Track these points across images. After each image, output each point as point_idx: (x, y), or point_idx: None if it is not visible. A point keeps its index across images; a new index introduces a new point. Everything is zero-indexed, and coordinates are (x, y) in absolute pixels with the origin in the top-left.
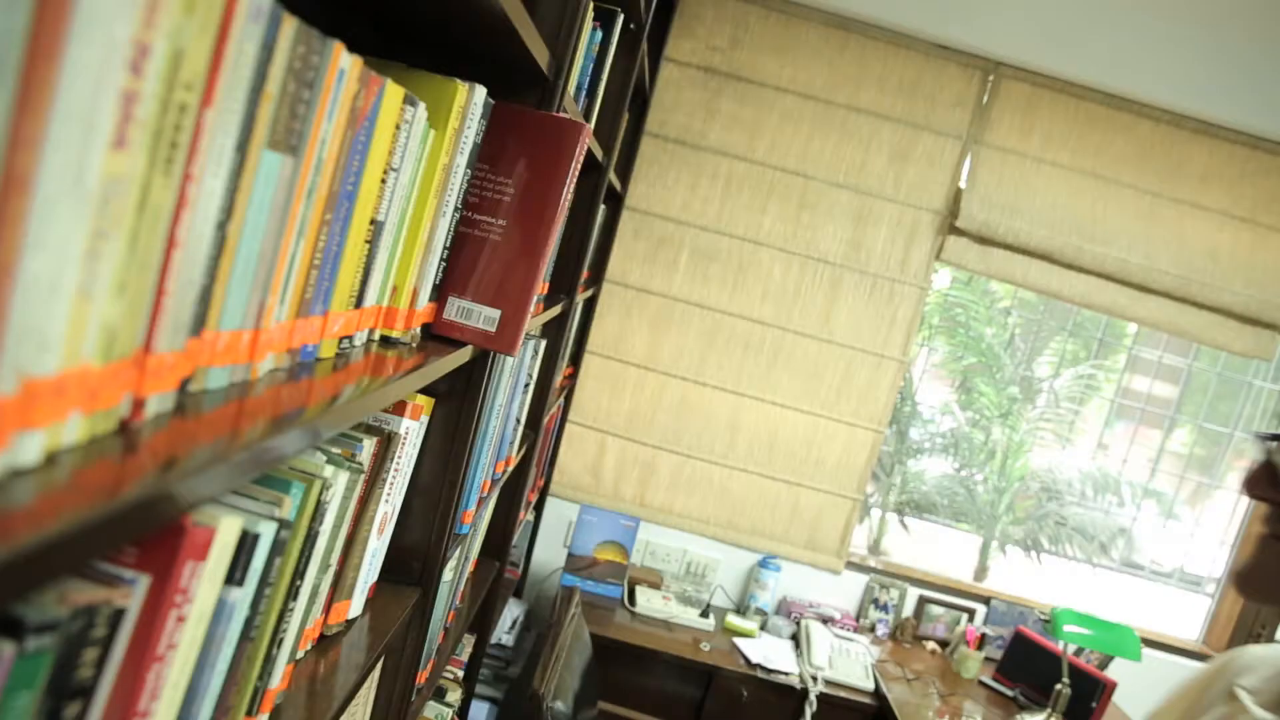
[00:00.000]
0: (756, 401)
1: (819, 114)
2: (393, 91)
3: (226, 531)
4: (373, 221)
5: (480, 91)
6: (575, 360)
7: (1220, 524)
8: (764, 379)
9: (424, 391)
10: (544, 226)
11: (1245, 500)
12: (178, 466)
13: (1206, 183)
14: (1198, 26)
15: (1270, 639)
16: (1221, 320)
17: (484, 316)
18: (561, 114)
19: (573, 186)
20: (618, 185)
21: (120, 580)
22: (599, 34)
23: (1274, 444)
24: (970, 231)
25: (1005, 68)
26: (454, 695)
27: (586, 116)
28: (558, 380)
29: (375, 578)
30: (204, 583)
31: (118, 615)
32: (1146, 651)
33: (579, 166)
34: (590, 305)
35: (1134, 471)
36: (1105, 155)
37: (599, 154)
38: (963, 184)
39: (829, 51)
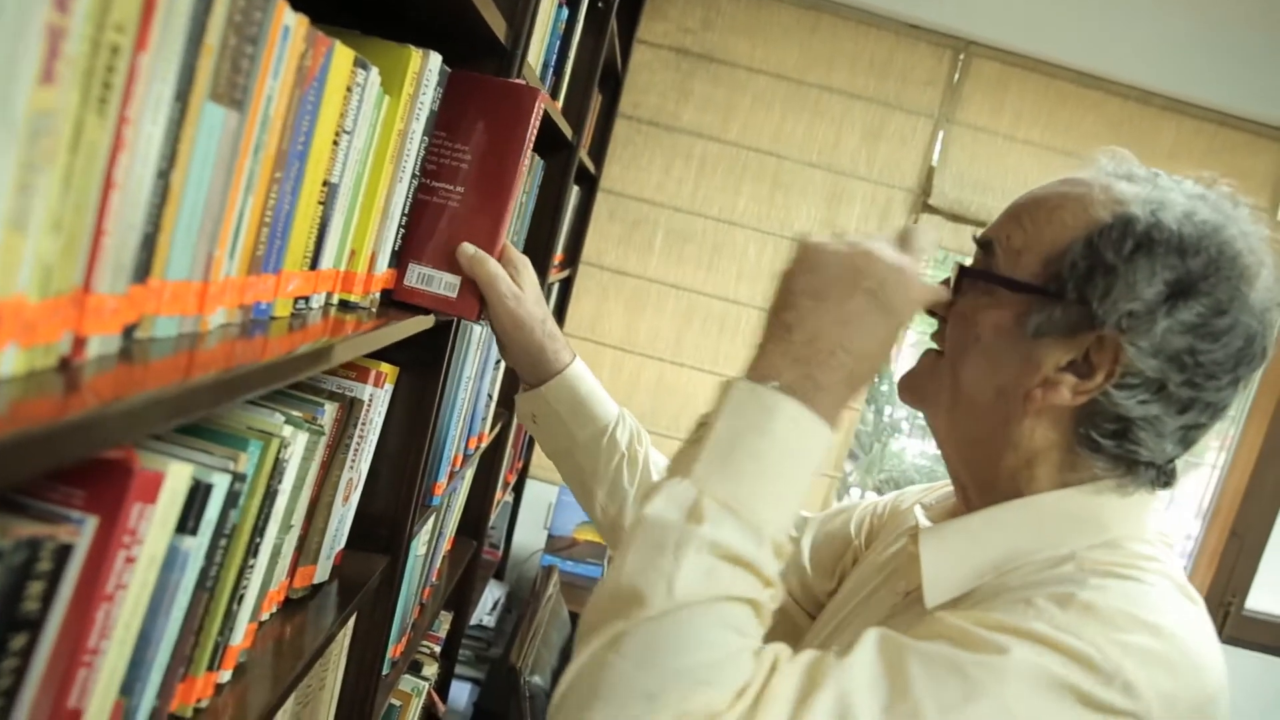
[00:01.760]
0: None
1: (791, 94)
2: (342, 53)
3: (176, 477)
4: (326, 183)
5: (435, 58)
6: None
7: (1195, 497)
8: (741, 359)
9: (389, 360)
10: (501, 192)
11: (1214, 472)
12: (122, 399)
13: (1175, 159)
14: (1165, 3)
15: (1241, 606)
16: None
17: (444, 282)
18: (518, 80)
19: (529, 151)
20: (591, 167)
21: (66, 519)
22: (565, 11)
23: (954, 264)
24: (943, 209)
25: (976, 46)
26: (430, 670)
27: (554, 94)
28: None
29: (342, 544)
30: (154, 526)
31: (64, 551)
32: None
33: (534, 133)
34: (566, 288)
35: None
36: (1075, 132)
37: (568, 132)
38: (935, 162)
39: (800, 32)
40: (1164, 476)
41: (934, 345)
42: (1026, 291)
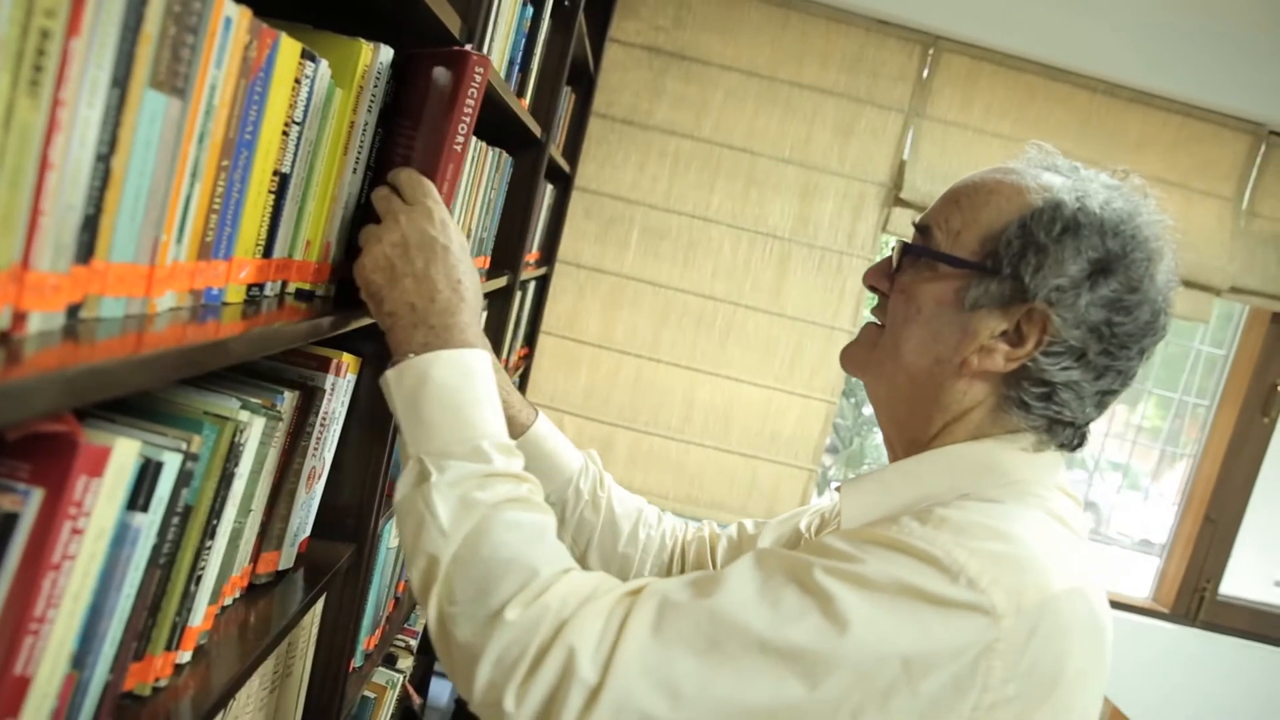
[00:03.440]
0: (711, 376)
1: (763, 91)
2: (288, 45)
3: (123, 452)
4: (276, 173)
5: (386, 52)
6: (530, 341)
7: (1172, 489)
8: (717, 354)
9: (352, 351)
10: (438, 170)
11: (1189, 463)
12: (65, 368)
13: (1142, 150)
14: None
15: (1215, 591)
16: None
17: None
18: (458, 47)
19: (464, 127)
20: (564, 165)
21: (11, 490)
22: (529, 10)
23: (895, 244)
24: (914, 203)
25: (945, 41)
26: (405, 663)
27: (521, 92)
28: (511, 358)
29: (307, 533)
30: (102, 500)
31: (9, 520)
32: None
33: (472, 106)
34: (543, 286)
35: (1096, 444)
36: (1045, 125)
37: (536, 130)
38: (906, 156)
39: (771, 28)
40: (1077, 438)
41: (874, 319)
42: (966, 267)
